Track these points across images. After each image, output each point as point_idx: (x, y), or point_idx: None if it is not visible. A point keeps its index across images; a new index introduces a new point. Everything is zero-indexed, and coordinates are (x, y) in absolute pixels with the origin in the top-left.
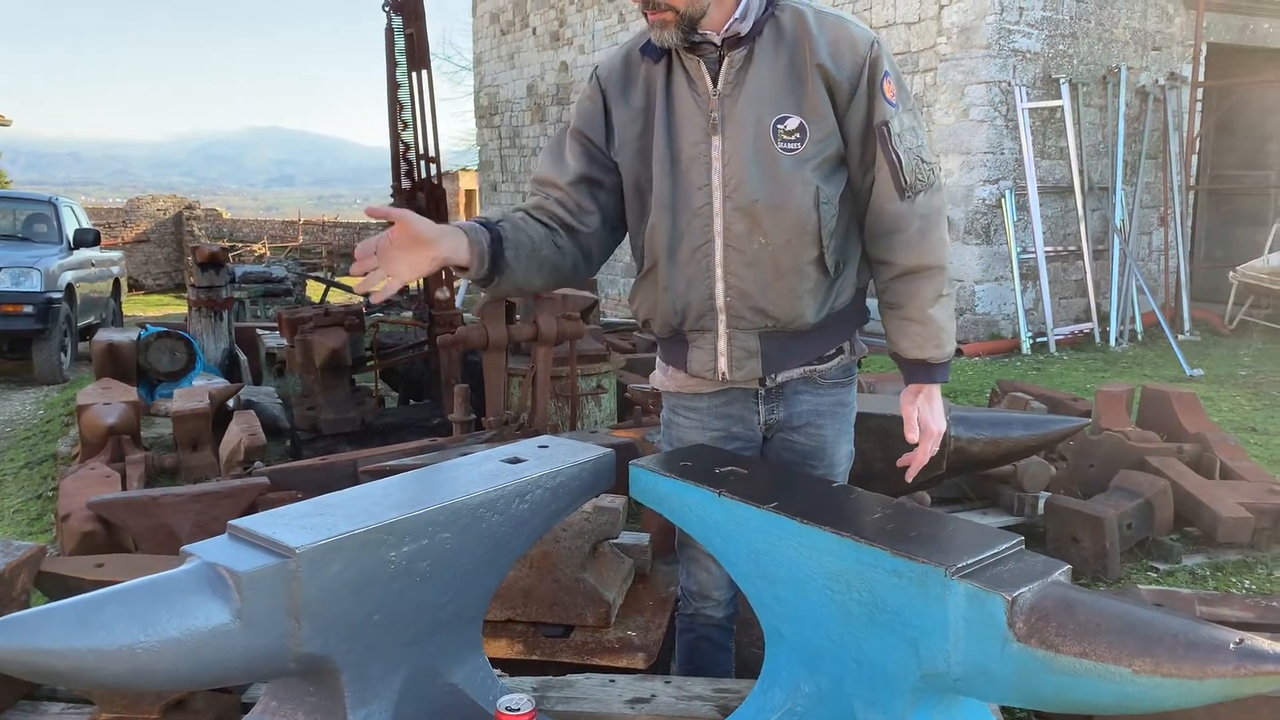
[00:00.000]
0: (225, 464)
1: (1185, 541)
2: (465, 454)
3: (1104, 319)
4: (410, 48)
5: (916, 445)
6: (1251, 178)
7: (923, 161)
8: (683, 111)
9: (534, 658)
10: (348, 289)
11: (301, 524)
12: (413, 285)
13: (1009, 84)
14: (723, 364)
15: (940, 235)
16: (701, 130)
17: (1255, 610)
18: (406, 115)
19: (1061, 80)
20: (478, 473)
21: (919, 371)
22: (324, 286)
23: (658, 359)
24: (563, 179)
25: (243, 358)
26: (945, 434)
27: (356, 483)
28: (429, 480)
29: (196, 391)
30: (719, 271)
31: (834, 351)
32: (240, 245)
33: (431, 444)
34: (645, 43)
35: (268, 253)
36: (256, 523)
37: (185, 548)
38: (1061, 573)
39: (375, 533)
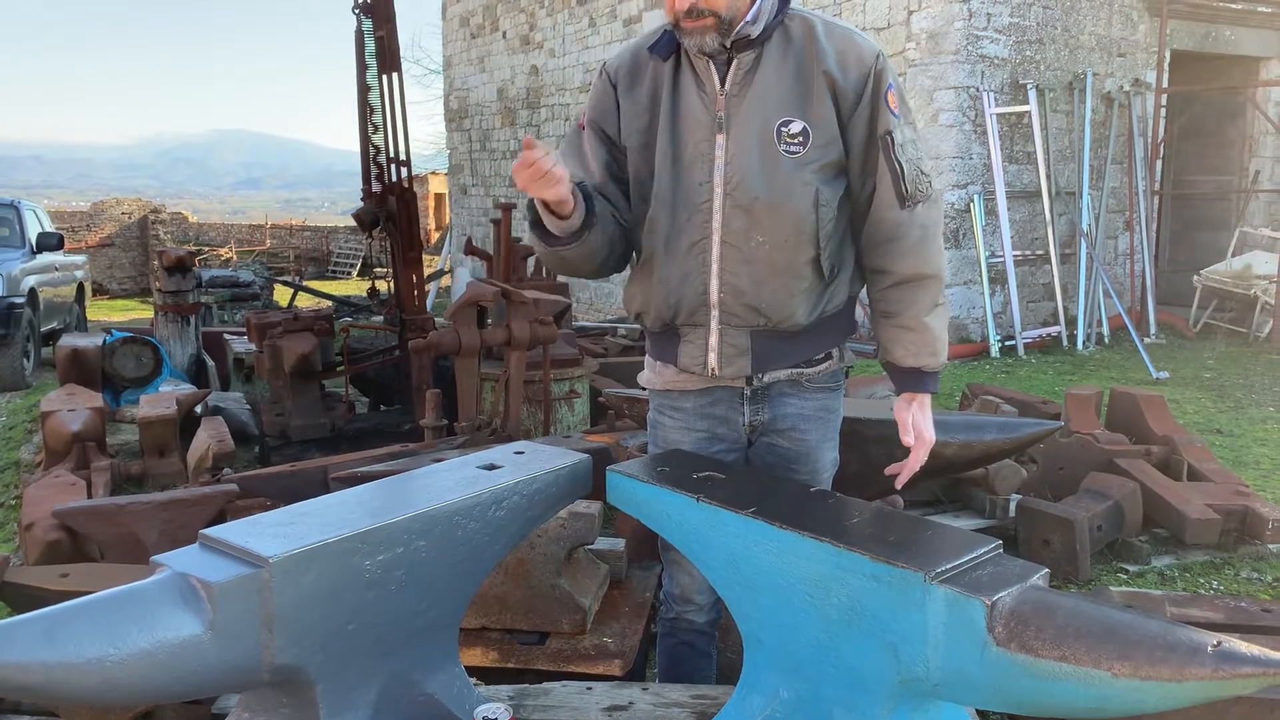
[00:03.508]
0: (193, 471)
1: (1154, 543)
2: (438, 460)
3: (1071, 322)
4: (381, 50)
5: (902, 451)
6: (1214, 183)
7: (922, 173)
8: (688, 109)
9: (509, 665)
10: (316, 293)
11: (274, 533)
12: (383, 289)
13: (977, 89)
14: (713, 359)
15: (938, 245)
16: (706, 128)
17: (1224, 611)
18: (377, 118)
19: (1029, 86)
20: (453, 479)
21: (912, 380)
22: (292, 290)
23: (647, 356)
24: (596, 178)
25: (210, 363)
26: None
27: (327, 489)
28: (403, 488)
29: (163, 397)
30: (715, 267)
31: (822, 356)
32: (206, 249)
33: (403, 450)
34: (654, 42)
35: (234, 257)
36: (228, 532)
37: (156, 558)
38: (1040, 577)
39: (349, 541)
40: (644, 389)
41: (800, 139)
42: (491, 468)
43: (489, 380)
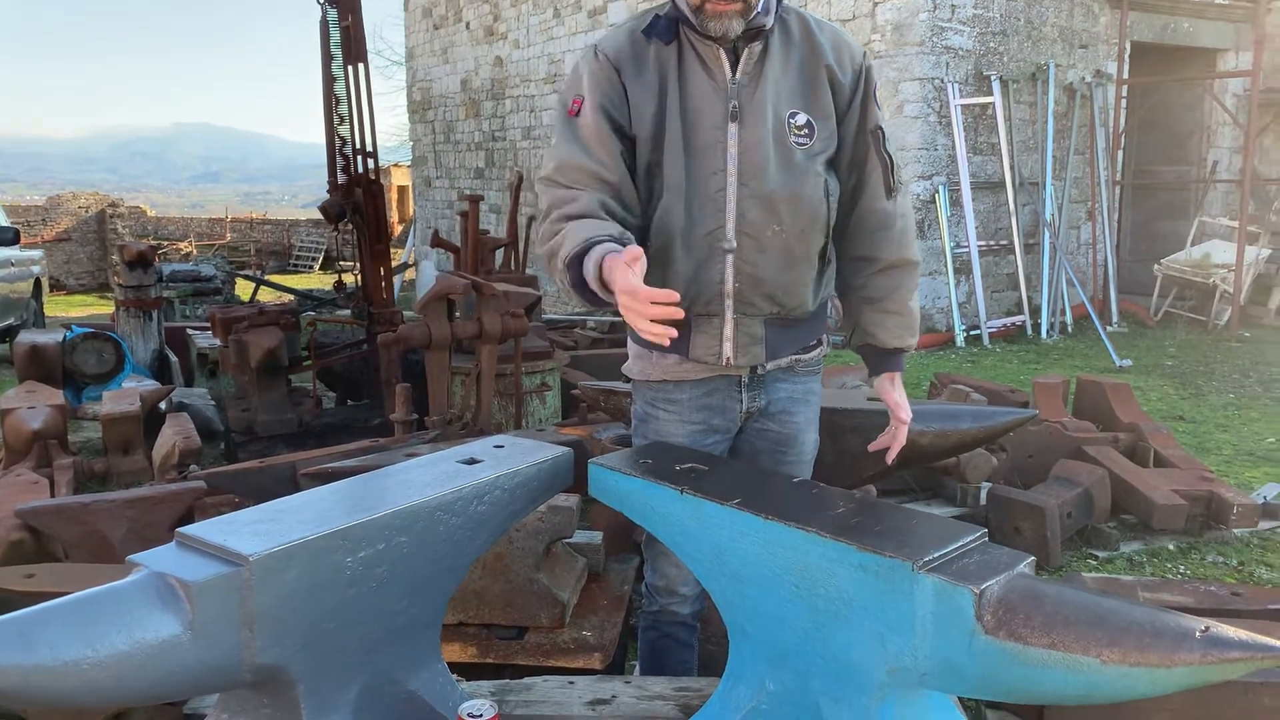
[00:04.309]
0: (159, 468)
1: (1122, 529)
2: (410, 455)
3: (1035, 312)
4: (346, 41)
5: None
6: (1173, 173)
7: (898, 165)
8: (699, 97)
9: (488, 661)
10: (278, 287)
11: (253, 531)
12: (350, 281)
13: (942, 80)
14: (728, 349)
15: (914, 233)
16: (720, 116)
17: (1195, 596)
18: (343, 109)
19: (993, 77)
20: (433, 474)
21: (893, 360)
22: (254, 285)
23: (634, 347)
24: (610, 172)
25: (173, 359)
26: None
27: (296, 485)
28: (383, 483)
29: (127, 394)
30: (730, 257)
31: (815, 341)
32: (166, 243)
33: (373, 445)
34: (647, 25)
35: (194, 251)
36: (206, 530)
37: (132, 557)
38: (1026, 565)
39: (330, 538)
40: (627, 380)
41: (806, 131)
42: (472, 462)
43: (459, 374)
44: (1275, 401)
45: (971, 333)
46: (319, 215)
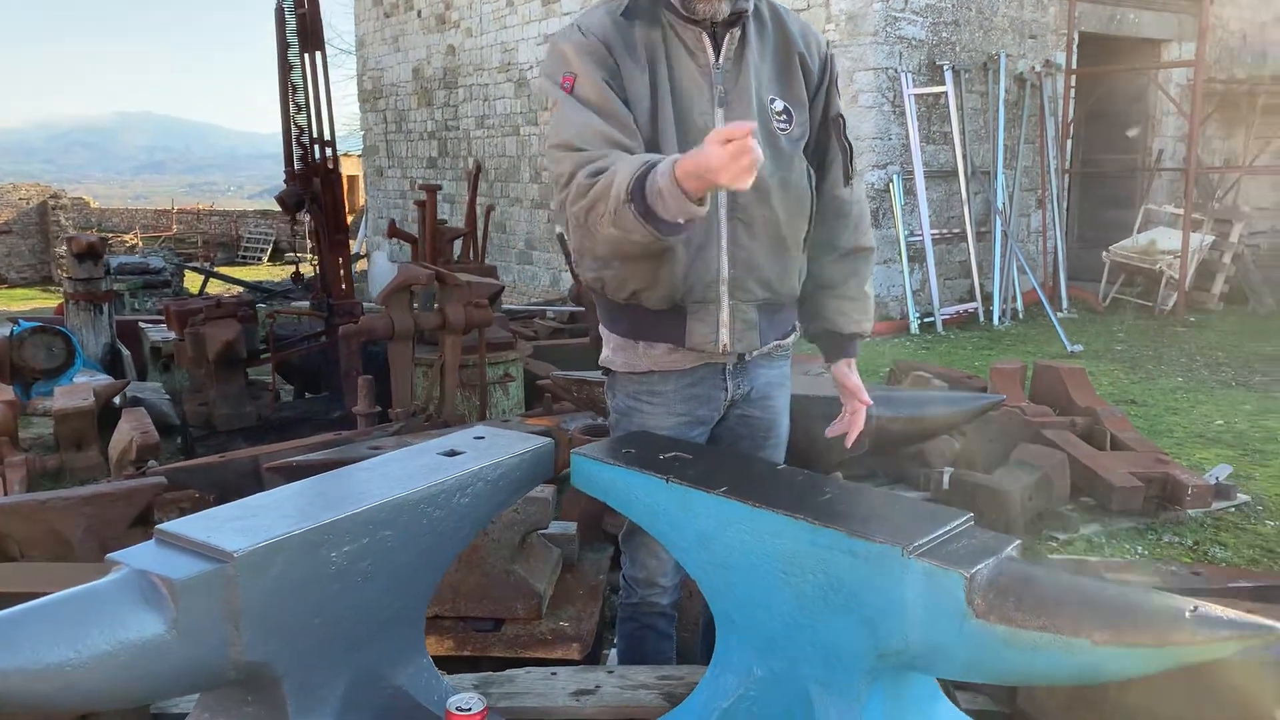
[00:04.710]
0: (115, 464)
1: (1081, 511)
2: (374, 448)
3: (987, 299)
4: (302, 28)
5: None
6: (1120, 161)
7: (855, 153)
8: (687, 80)
9: (465, 654)
10: (228, 279)
11: (235, 527)
12: (308, 273)
13: (896, 70)
14: (725, 336)
15: (869, 220)
16: (708, 101)
17: (1158, 576)
18: (300, 98)
19: (945, 67)
20: (415, 467)
21: (850, 346)
22: (203, 277)
23: (619, 338)
24: (630, 139)
25: (125, 353)
26: (868, 414)
27: (259, 480)
28: (364, 477)
29: (79, 389)
30: (724, 243)
31: (793, 326)
32: (111, 235)
33: (337, 438)
34: (626, 7)
35: (140, 243)
36: (186, 527)
37: (111, 556)
38: (1013, 548)
39: (315, 533)
40: (607, 372)
41: (785, 117)
42: (452, 454)
43: (422, 365)
44: (1222, 385)
45: (925, 320)
46: (266, 206)
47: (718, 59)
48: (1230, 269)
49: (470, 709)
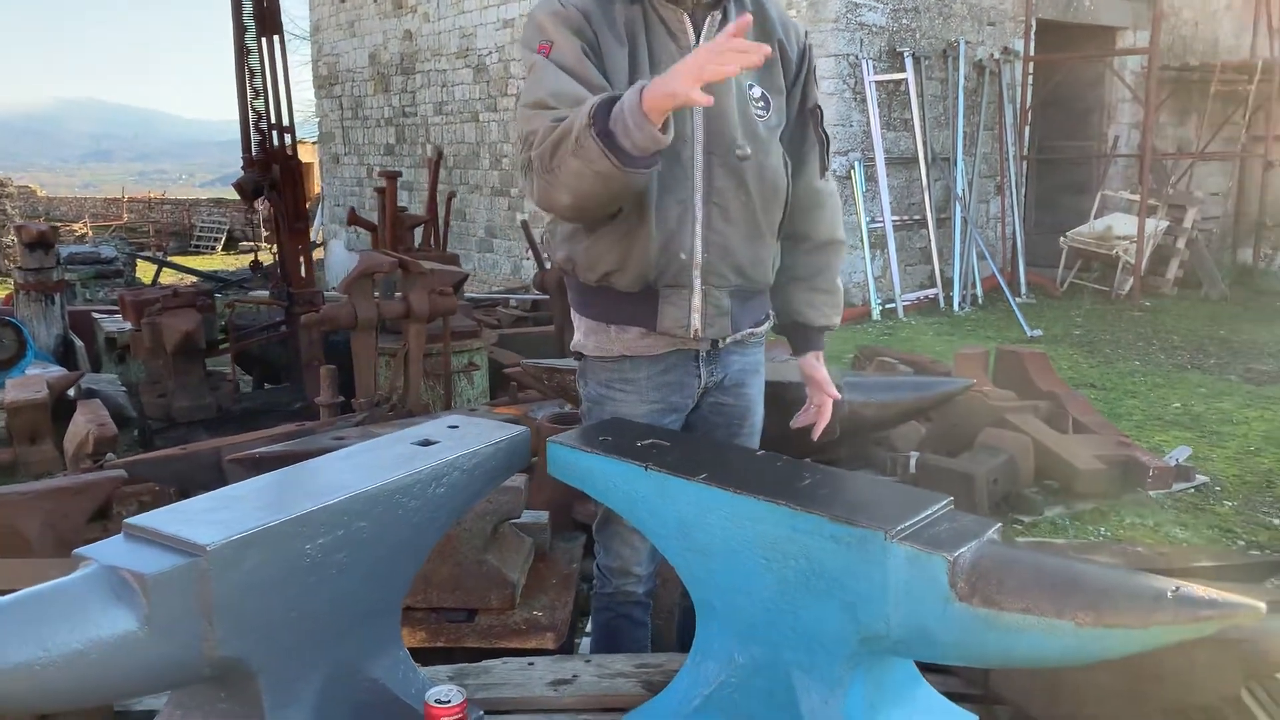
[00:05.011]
0: (71, 458)
1: (1045, 493)
2: (338, 438)
3: (947, 284)
4: (260, 12)
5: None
6: (1076, 148)
7: (832, 144)
8: (666, 61)
9: (438, 645)
10: (182, 268)
11: (207, 519)
12: (267, 261)
13: (857, 57)
14: (696, 320)
15: (841, 212)
16: None
17: (1123, 557)
18: (259, 83)
19: (906, 54)
20: (390, 457)
21: (819, 338)
22: (156, 267)
23: (587, 322)
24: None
25: (79, 344)
26: (839, 400)
27: (221, 472)
28: (338, 467)
29: (32, 381)
30: (698, 227)
31: (766, 314)
32: (60, 224)
33: (300, 429)
34: None
35: (90, 232)
36: (157, 520)
37: (79, 551)
38: (994, 531)
39: (289, 525)
40: (579, 356)
41: (763, 104)
42: (427, 443)
43: (385, 354)
44: (1178, 368)
45: (887, 306)
46: (220, 194)
47: (698, 41)
48: (1184, 254)
49: (450, 701)
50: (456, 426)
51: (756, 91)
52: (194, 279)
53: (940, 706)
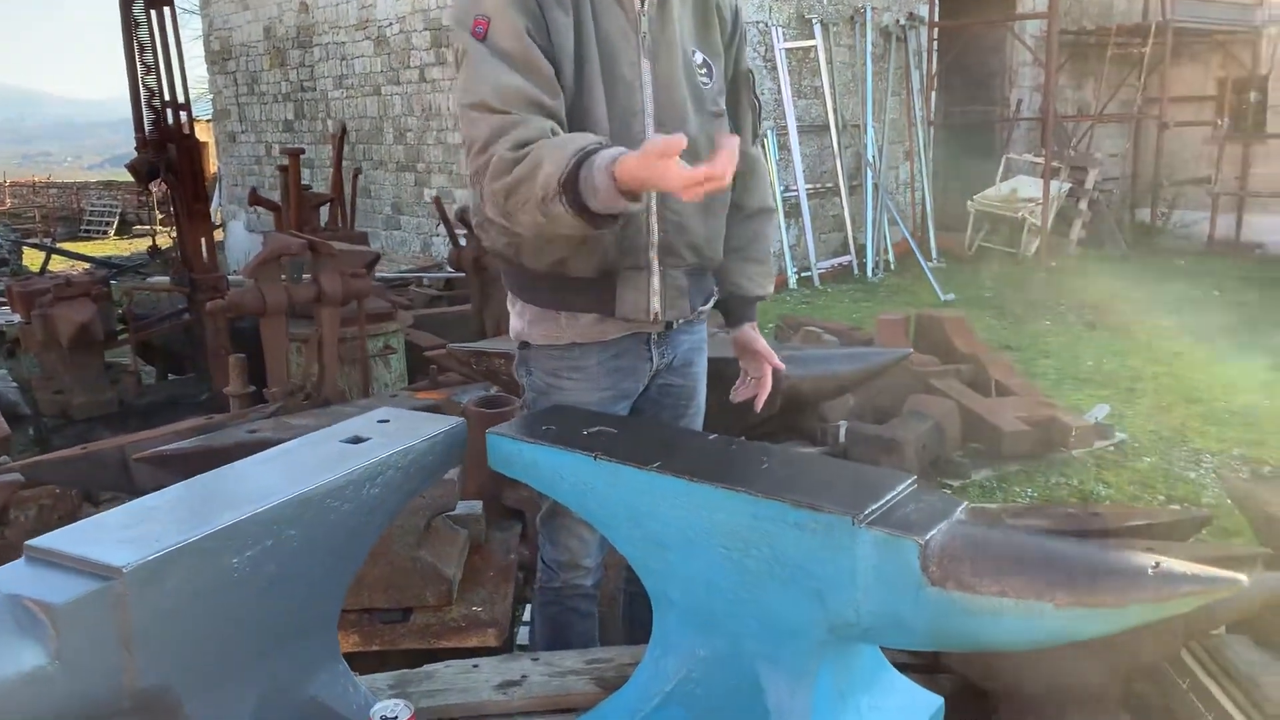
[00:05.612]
0: None
1: (972, 456)
2: (252, 431)
3: (860, 251)
4: None
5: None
6: (981, 112)
7: (763, 110)
8: (614, 30)
9: (373, 648)
10: (72, 255)
11: (120, 537)
12: (165, 245)
13: (766, 24)
14: (656, 303)
15: (769, 180)
16: (635, 50)
17: (1057, 519)
18: (149, 58)
19: (814, 20)
20: (317, 457)
21: (753, 309)
22: (45, 254)
23: (532, 309)
24: (550, 98)
25: None
26: (778, 374)
27: (128, 472)
28: (262, 471)
29: None
30: (654, 207)
31: (713, 291)
32: None
33: (209, 422)
34: None
35: None
36: (62, 540)
37: None
38: (962, 510)
39: (213, 539)
40: (525, 346)
41: (705, 71)
42: (357, 440)
43: (296, 341)
44: (1086, 326)
45: (803, 274)
46: (110, 176)
47: (643, 6)
48: (1086, 215)
49: (398, 718)
50: (388, 420)
51: (699, 57)
52: (87, 266)
53: (905, 687)
